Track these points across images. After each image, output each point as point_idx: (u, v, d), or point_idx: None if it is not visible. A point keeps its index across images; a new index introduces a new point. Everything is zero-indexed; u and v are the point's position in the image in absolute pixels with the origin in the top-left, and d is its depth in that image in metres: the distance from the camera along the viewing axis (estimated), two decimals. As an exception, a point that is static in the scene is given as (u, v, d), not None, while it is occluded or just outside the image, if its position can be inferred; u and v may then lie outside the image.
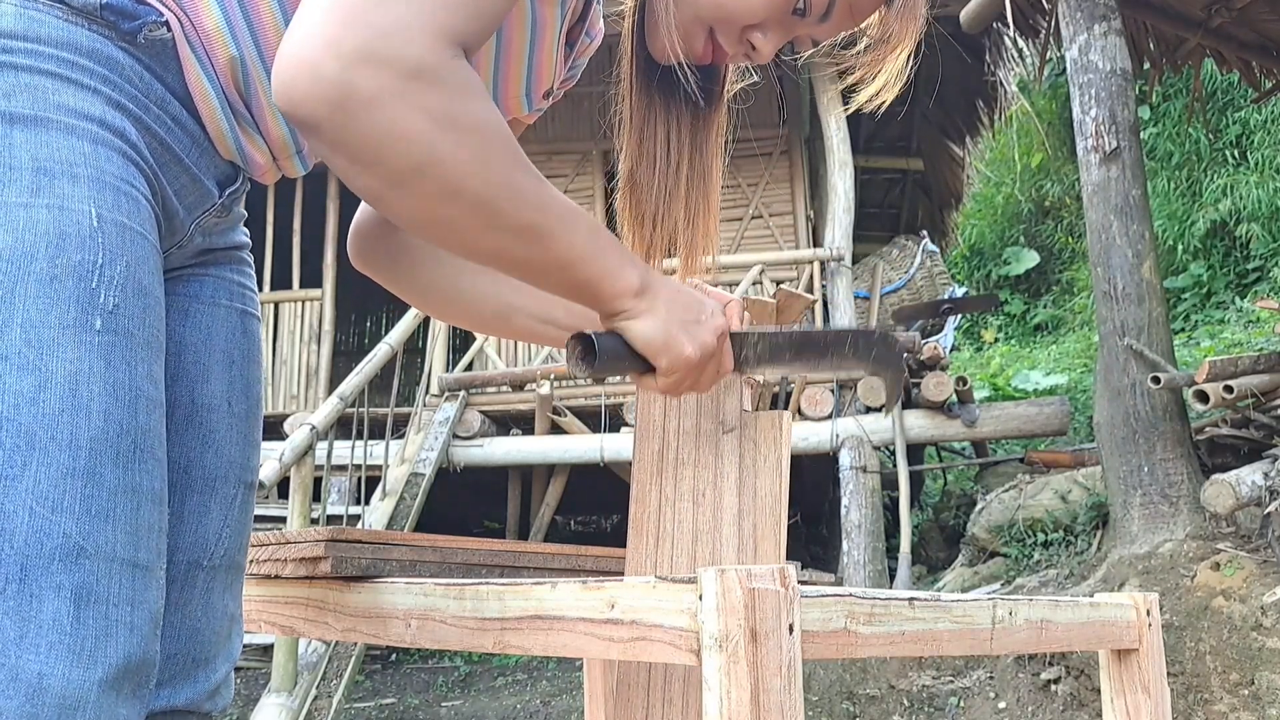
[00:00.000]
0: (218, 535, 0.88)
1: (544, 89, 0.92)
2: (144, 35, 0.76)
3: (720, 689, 0.65)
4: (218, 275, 0.92)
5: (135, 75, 0.76)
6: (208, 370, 0.89)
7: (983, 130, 8.84)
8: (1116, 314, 4.00)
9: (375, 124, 0.63)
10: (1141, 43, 5.44)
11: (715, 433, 1.03)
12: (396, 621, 0.98)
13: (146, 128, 0.77)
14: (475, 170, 0.67)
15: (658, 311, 0.80)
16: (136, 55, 0.76)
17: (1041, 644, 1.02)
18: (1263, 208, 9.56)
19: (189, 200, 0.83)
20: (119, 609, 0.67)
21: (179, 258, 0.88)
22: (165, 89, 0.78)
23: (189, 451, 0.87)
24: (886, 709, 4.14)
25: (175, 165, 0.80)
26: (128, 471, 0.68)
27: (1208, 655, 3.27)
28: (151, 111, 0.77)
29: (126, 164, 0.74)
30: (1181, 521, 3.79)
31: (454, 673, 5.62)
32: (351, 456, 5.05)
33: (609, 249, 0.77)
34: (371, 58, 0.63)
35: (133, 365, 0.70)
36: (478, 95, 0.68)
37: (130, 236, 0.72)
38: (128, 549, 0.67)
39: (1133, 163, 4.05)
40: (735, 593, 0.65)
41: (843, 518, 5.41)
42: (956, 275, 12.34)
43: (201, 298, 0.90)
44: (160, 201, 0.79)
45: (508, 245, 0.72)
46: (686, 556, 1.00)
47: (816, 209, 7.61)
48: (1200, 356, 7.52)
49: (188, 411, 0.87)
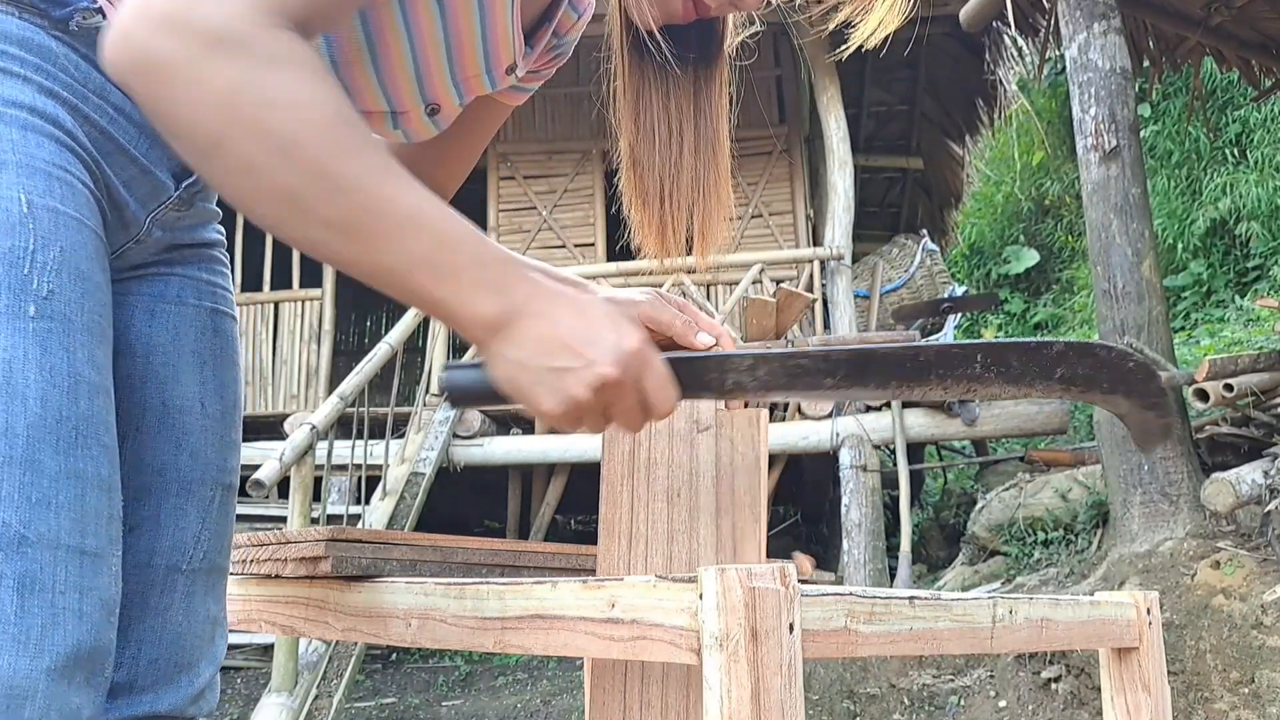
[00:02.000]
0: (196, 538, 0.87)
1: (504, 64, 0.88)
2: (76, 23, 0.75)
3: (721, 688, 0.65)
4: (184, 274, 0.90)
5: (70, 64, 0.75)
6: (177, 371, 0.87)
7: (983, 129, 8.85)
8: (1116, 313, 4.00)
9: (174, 92, 0.60)
10: (1141, 41, 5.44)
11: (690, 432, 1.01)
12: (397, 621, 0.98)
13: (84, 116, 0.75)
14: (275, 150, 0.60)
15: (516, 352, 0.68)
16: (71, 44, 0.75)
17: (1042, 643, 1.02)
18: (1262, 206, 9.55)
19: (140, 192, 0.82)
20: (66, 597, 0.65)
21: (140, 254, 0.86)
22: (105, 77, 0.76)
23: (162, 455, 0.86)
24: (887, 708, 4.14)
25: (120, 155, 0.79)
26: (69, 458, 0.67)
27: (1208, 654, 3.27)
28: (90, 100, 0.76)
29: (61, 150, 0.72)
30: (1182, 520, 3.79)
31: (454, 672, 5.62)
32: (352, 456, 5.05)
33: (463, 269, 0.65)
34: (174, 23, 0.60)
35: (71, 351, 0.69)
36: (293, 68, 0.61)
37: (64, 222, 0.71)
38: (73, 536, 0.66)
39: (1132, 161, 4.05)
40: (736, 592, 0.65)
41: (843, 516, 5.41)
42: (956, 274, 12.34)
43: (167, 297, 0.89)
44: (105, 191, 0.78)
45: (325, 239, 0.64)
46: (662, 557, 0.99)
47: (816, 208, 7.61)
48: (1200, 355, 7.52)
49: (159, 414, 0.86)
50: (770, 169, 7.50)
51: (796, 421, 5.68)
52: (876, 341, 5.77)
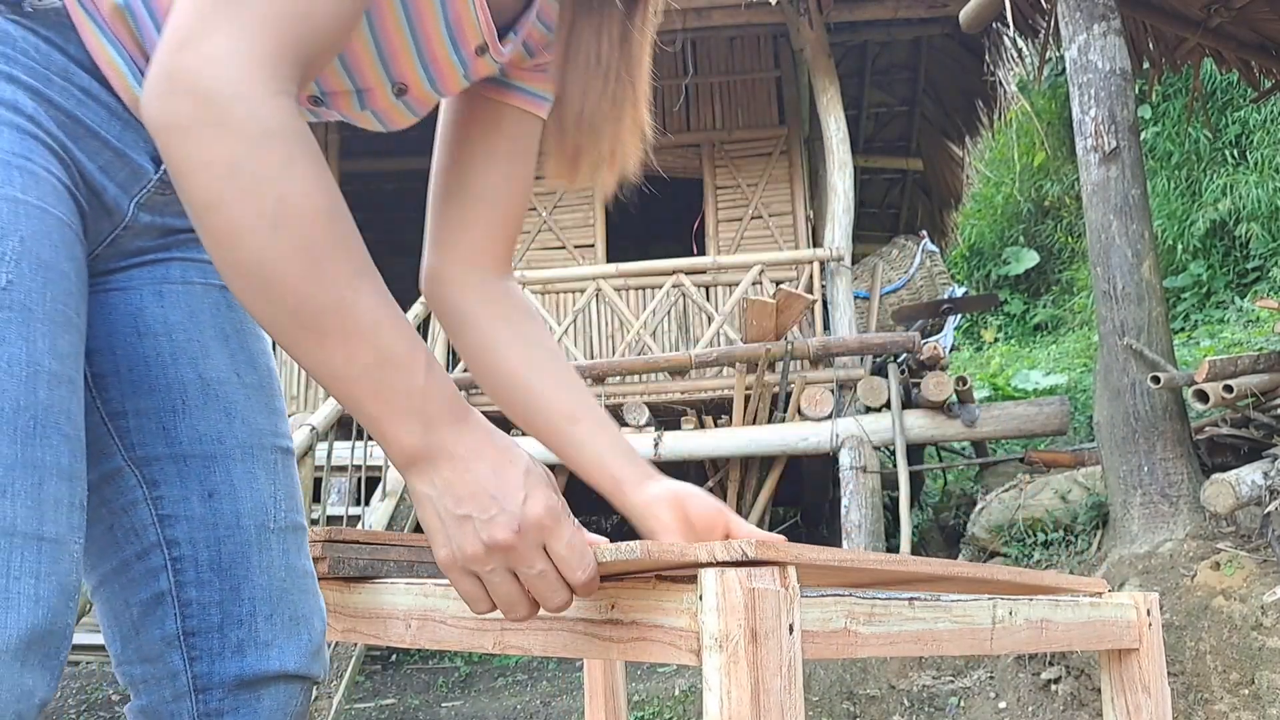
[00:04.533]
0: (273, 498, 0.89)
1: (471, 42, 0.86)
2: (30, 3, 0.74)
3: (720, 689, 0.65)
4: (184, 256, 0.90)
5: (30, 47, 0.74)
6: (205, 347, 0.89)
7: (982, 130, 8.85)
8: (1116, 314, 4.01)
9: (182, 152, 0.62)
10: (1141, 42, 5.44)
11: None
12: (396, 622, 0.98)
13: (47, 100, 0.75)
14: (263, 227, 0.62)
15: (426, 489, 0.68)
16: (31, 27, 0.75)
17: (1042, 644, 1.02)
18: (1262, 207, 9.56)
19: (119, 177, 0.82)
20: (21, 582, 0.66)
21: (135, 240, 0.86)
22: (68, 59, 0.76)
23: (217, 424, 0.87)
24: (887, 709, 4.14)
25: (91, 139, 0.79)
26: (26, 447, 0.67)
27: (1208, 655, 3.27)
28: (54, 84, 0.76)
29: (21, 138, 0.72)
30: (1181, 521, 3.79)
31: (454, 673, 5.62)
32: (351, 457, 5.05)
33: (400, 393, 0.66)
34: (187, 86, 0.62)
35: (31, 341, 0.69)
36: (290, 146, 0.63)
37: (25, 211, 0.70)
38: (30, 523, 0.67)
39: (1132, 162, 4.06)
40: (735, 593, 0.65)
41: (843, 518, 5.41)
42: (956, 275, 12.34)
43: (171, 278, 0.89)
44: (80, 176, 0.78)
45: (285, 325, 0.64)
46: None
47: (816, 209, 7.61)
48: (1200, 356, 7.53)
49: (199, 388, 0.87)
50: (770, 170, 7.50)
51: (796, 423, 5.68)
52: (876, 344, 5.78)
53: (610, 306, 6.64)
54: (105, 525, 0.86)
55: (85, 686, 5.25)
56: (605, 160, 0.90)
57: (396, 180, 8.49)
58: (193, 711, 0.85)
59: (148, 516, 0.85)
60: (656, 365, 5.96)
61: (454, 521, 0.67)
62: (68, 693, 5.16)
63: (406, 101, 0.90)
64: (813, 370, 5.87)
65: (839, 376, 5.87)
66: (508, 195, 0.98)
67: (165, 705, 0.86)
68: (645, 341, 6.48)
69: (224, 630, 0.85)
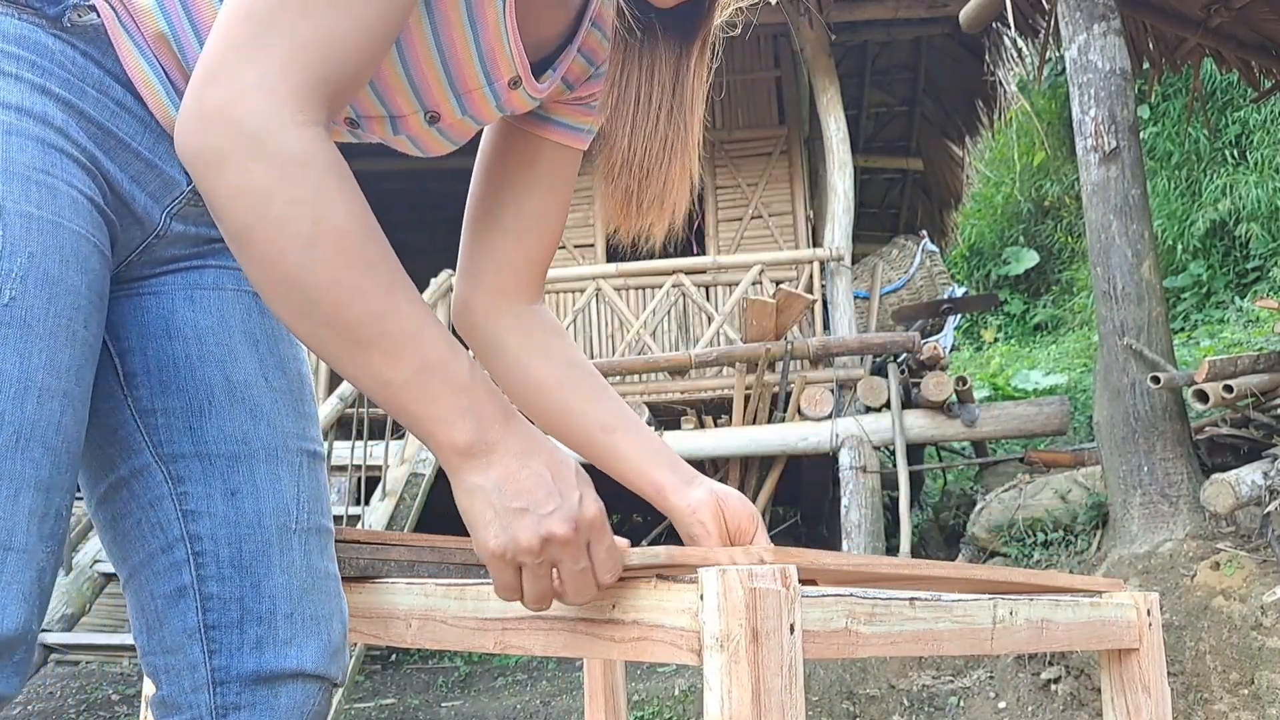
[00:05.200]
0: (296, 500, 0.90)
1: (505, 75, 0.87)
2: (69, 18, 0.76)
3: (721, 689, 0.65)
4: (218, 264, 0.92)
5: (67, 60, 0.76)
6: (234, 351, 0.90)
7: (982, 130, 8.85)
8: (1116, 314, 4.01)
9: (217, 183, 0.64)
10: (1141, 42, 5.44)
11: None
12: (397, 622, 0.98)
13: (80, 112, 0.76)
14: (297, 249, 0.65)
15: (481, 480, 0.69)
16: (69, 40, 0.76)
17: (1042, 644, 1.02)
18: (1262, 207, 9.56)
19: (150, 187, 0.83)
20: None
21: (169, 249, 0.88)
22: (104, 73, 0.78)
23: (243, 426, 0.89)
24: (887, 709, 4.14)
25: (124, 151, 0.80)
26: (6, 460, 0.69)
27: (1208, 655, 3.27)
28: (88, 96, 0.77)
29: (43, 151, 0.73)
30: (1181, 521, 3.80)
31: (454, 673, 5.62)
32: (351, 456, 5.05)
33: (441, 395, 0.68)
34: (221, 119, 0.64)
35: (26, 357, 0.70)
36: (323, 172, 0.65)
37: (39, 227, 0.71)
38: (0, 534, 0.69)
39: (1132, 162, 4.06)
40: (736, 592, 0.65)
41: (843, 517, 5.41)
42: (956, 275, 12.35)
43: (203, 284, 0.91)
44: (106, 186, 0.79)
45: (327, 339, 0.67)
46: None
47: (816, 209, 7.61)
48: (1200, 356, 7.53)
49: (226, 390, 0.89)
50: (770, 170, 7.49)
51: (796, 423, 5.69)
52: (876, 344, 5.78)
53: (610, 306, 6.64)
54: (134, 519, 0.88)
55: (85, 686, 5.25)
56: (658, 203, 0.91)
57: (397, 180, 8.49)
58: (210, 704, 0.86)
59: (172, 512, 0.87)
60: (656, 365, 5.96)
61: (510, 514, 0.69)
62: (68, 692, 5.17)
63: (440, 129, 0.91)
64: (813, 370, 5.87)
65: (839, 376, 5.87)
66: (541, 227, 1.00)
67: (185, 696, 0.87)
68: (645, 341, 6.48)
69: (243, 626, 0.87)
